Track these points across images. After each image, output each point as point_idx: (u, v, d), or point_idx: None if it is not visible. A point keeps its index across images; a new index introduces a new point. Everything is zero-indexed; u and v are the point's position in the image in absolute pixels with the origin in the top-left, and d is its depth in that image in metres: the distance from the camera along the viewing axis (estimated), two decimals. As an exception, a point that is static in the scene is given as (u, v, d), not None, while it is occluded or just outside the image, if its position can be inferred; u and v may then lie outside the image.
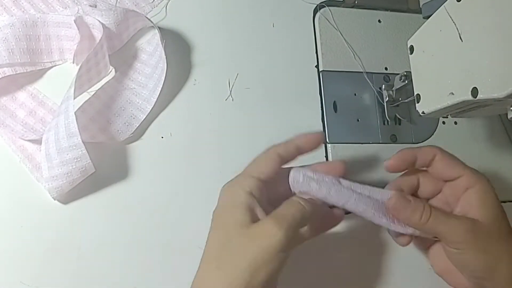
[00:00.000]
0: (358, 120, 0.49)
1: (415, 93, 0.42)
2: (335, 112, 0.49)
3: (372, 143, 0.48)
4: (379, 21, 0.54)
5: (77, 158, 0.38)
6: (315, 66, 0.50)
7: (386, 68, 0.52)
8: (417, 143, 0.50)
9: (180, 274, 0.40)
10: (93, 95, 0.43)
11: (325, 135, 0.48)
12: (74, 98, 0.39)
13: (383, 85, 0.50)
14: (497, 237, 0.35)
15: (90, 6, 0.45)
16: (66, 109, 0.39)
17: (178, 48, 0.48)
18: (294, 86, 0.49)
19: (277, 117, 0.47)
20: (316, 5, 0.52)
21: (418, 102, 0.42)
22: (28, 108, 0.42)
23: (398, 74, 0.48)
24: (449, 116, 0.42)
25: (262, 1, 0.51)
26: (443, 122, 0.52)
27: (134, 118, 0.44)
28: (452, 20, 0.37)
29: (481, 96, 0.33)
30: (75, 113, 0.38)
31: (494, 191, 0.37)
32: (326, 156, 0.47)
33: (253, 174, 0.35)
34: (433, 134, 0.51)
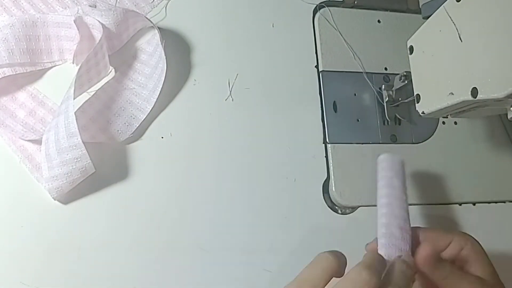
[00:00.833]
0: (358, 120, 0.49)
1: (415, 93, 0.42)
2: (335, 112, 0.49)
3: (372, 143, 0.48)
4: (379, 21, 0.54)
5: (77, 158, 0.38)
6: (315, 66, 0.50)
7: (386, 68, 0.52)
8: (417, 143, 0.50)
9: (180, 274, 0.40)
10: (93, 95, 0.43)
11: (325, 135, 0.48)
12: (74, 98, 0.39)
13: (383, 85, 0.50)
14: None
15: (90, 6, 0.45)
16: (66, 109, 0.39)
17: (178, 48, 0.48)
18: (294, 86, 0.49)
19: (277, 117, 0.47)
20: (316, 5, 0.52)
21: (418, 102, 0.42)
22: (28, 108, 0.42)
23: (398, 74, 0.48)
24: (449, 116, 0.42)
25: (262, 1, 0.51)
26: (443, 122, 0.52)
27: (134, 118, 0.44)
28: (452, 20, 0.37)
29: (481, 96, 0.33)
30: (75, 113, 0.39)
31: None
32: (326, 156, 0.47)
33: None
34: (433, 134, 0.51)
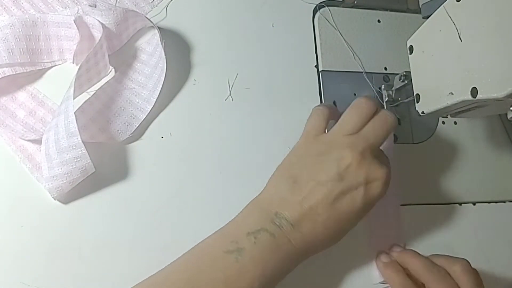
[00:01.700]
0: (358, 120, 0.49)
1: (415, 93, 0.42)
2: (335, 112, 0.49)
3: (372, 143, 0.48)
4: (379, 21, 0.54)
5: (77, 158, 0.38)
6: (315, 66, 0.50)
7: (386, 68, 0.52)
8: (417, 143, 0.50)
9: (180, 274, 0.40)
10: (93, 95, 0.43)
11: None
12: (74, 98, 0.39)
13: (383, 85, 0.50)
14: None
15: (90, 6, 0.45)
16: (66, 109, 0.39)
17: (178, 48, 0.48)
18: (294, 86, 0.49)
19: (277, 117, 0.47)
20: (316, 5, 0.52)
21: (418, 102, 0.42)
22: (28, 108, 0.42)
23: (398, 74, 0.48)
24: (449, 116, 0.42)
25: (262, 1, 0.51)
26: (443, 122, 0.52)
27: (134, 118, 0.44)
28: (452, 20, 0.37)
29: (481, 96, 0.33)
30: (75, 113, 0.38)
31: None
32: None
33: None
34: (433, 134, 0.51)
